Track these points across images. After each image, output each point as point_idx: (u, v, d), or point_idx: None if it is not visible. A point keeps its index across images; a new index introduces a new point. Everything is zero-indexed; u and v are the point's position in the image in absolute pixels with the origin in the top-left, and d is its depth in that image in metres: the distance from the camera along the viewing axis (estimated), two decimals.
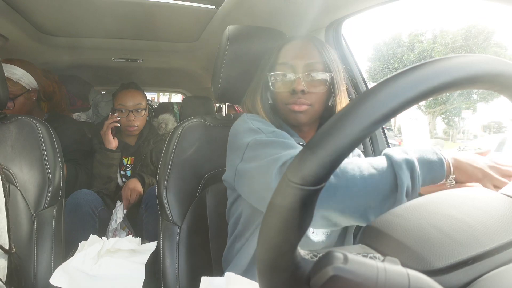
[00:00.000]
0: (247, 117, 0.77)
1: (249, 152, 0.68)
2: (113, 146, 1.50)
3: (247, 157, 0.67)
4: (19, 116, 0.95)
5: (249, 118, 0.76)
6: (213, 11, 1.34)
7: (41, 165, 0.90)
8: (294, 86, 0.73)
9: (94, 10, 1.35)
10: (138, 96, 1.57)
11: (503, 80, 0.30)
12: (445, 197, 0.39)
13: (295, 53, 0.76)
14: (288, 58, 0.76)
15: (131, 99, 1.55)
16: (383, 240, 0.34)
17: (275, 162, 0.59)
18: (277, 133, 0.70)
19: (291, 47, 0.77)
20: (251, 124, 0.74)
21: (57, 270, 0.73)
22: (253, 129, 0.72)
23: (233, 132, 0.77)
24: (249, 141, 0.68)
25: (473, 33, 7.71)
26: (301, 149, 0.28)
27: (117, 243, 0.80)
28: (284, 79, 0.76)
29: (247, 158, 0.67)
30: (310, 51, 0.76)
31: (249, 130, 0.72)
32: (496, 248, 0.31)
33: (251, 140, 0.68)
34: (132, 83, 1.61)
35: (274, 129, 0.72)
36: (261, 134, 0.69)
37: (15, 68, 1.28)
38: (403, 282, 0.25)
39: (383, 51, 8.82)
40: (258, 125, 0.73)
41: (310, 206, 0.27)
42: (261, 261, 0.29)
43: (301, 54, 0.75)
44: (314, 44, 0.77)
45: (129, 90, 1.57)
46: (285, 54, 0.77)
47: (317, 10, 1.15)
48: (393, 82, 0.27)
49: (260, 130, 0.71)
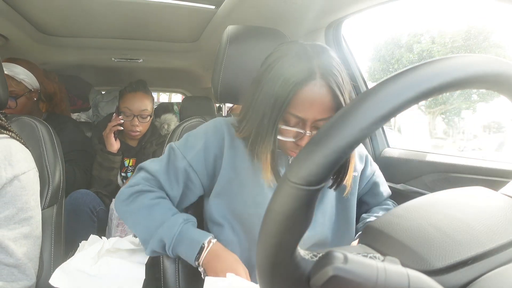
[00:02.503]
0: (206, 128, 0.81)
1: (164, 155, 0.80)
2: (114, 149, 1.47)
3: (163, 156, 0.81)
4: (19, 116, 0.95)
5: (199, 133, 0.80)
6: (213, 11, 1.34)
7: (41, 165, 0.90)
8: (300, 142, 0.69)
9: (94, 10, 1.35)
10: (146, 100, 1.50)
11: (503, 80, 0.30)
12: (445, 197, 0.39)
13: (309, 107, 0.65)
14: (300, 110, 0.66)
15: (138, 103, 1.48)
16: (383, 240, 0.34)
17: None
18: (185, 173, 0.77)
19: (307, 97, 0.65)
20: (192, 139, 0.79)
21: (57, 270, 0.73)
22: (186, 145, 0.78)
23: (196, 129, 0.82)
24: (171, 149, 0.79)
25: (472, 33, 7.71)
26: (301, 149, 0.28)
27: (117, 243, 0.80)
28: (291, 131, 0.69)
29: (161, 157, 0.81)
30: (326, 103, 0.65)
31: (185, 142, 0.79)
32: (496, 248, 0.31)
33: (171, 151, 0.79)
34: (141, 85, 1.52)
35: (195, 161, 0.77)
36: (179, 158, 0.77)
37: (19, 68, 1.28)
38: (403, 282, 0.25)
39: (382, 51, 8.82)
40: (193, 144, 0.78)
41: (310, 206, 0.27)
42: (261, 261, 0.29)
43: (315, 109, 0.65)
44: (332, 90, 0.65)
45: (137, 93, 1.49)
46: (299, 104, 0.65)
47: (317, 10, 1.15)
48: (393, 82, 0.27)
49: (184, 155, 0.77)
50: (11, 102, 1.23)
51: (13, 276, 0.74)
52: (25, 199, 0.78)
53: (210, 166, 0.77)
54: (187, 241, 0.69)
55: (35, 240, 0.81)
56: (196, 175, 0.77)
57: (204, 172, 0.77)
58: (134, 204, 0.74)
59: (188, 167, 0.76)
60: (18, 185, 0.76)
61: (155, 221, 0.71)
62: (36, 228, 0.81)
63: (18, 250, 0.75)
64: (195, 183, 0.78)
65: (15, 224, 0.75)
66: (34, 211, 0.81)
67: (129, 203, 0.75)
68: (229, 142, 0.77)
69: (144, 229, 0.72)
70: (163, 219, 0.71)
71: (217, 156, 0.77)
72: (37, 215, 0.82)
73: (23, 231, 0.77)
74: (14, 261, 0.74)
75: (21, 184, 0.77)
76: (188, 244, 0.69)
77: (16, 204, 0.75)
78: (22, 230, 0.77)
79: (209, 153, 0.77)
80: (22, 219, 0.77)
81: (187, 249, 0.69)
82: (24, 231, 0.77)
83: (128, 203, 0.75)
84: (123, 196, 0.76)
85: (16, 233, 0.75)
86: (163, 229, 0.70)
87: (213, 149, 0.77)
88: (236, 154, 0.77)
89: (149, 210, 0.72)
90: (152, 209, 0.72)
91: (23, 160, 0.80)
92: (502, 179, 0.80)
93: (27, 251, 0.77)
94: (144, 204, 0.73)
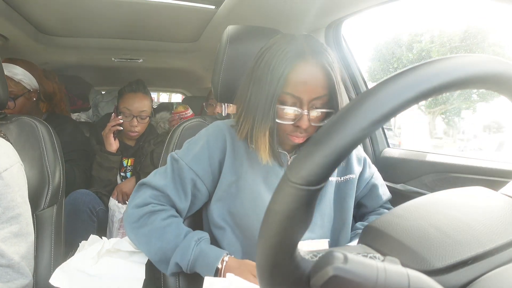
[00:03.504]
0: (209, 132, 0.80)
1: (167, 166, 0.79)
2: (114, 149, 1.47)
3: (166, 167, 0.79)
4: (19, 116, 0.95)
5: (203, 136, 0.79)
6: (213, 11, 1.34)
7: (41, 165, 0.90)
8: (299, 123, 0.69)
9: (94, 10, 1.35)
10: (145, 101, 1.52)
11: (503, 80, 0.30)
12: (445, 197, 0.39)
13: (303, 85, 0.67)
14: (295, 89, 0.67)
15: (138, 104, 1.49)
16: (383, 240, 0.34)
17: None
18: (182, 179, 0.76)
19: (300, 75, 0.67)
20: (195, 148, 0.78)
21: (57, 270, 0.73)
22: (189, 154, 0.77)
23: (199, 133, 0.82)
24: (173, 160, 0.78)
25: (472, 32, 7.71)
26: (301, 150, 0.28)
27: (117, 243, 0.80)
28: (289, 112, 0.69)
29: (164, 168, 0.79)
30: (319, 81, 0.68)
31: (187, 151, 0.78)
32: (496, 248, 0.31)
33: (173, 160, 0.78)
34: (141, 85, 1.53)
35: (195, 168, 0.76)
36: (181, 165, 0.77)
37: (17, 68, 1.28)
38: (403, 282, 0.25)
39: (382, 51, 8.82)
40: (197, 153, 0.76)
41: (310, 206, 0.27)
42: (261, 261, 0.29)
43: (310, 87, 0.67)
44: (324, 68, 0.68)
45: (137, 94, 1.50)
46: (293, 83, 0.67)
47: (317, 10, 1.15)
48: (393, 82, 0.27)
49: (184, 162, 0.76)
50: (9, 102, 1.23)
51: (8, 276, 0.72)
52: (11, 197, 0.74)
53: (216, 172, 0.77)
54: (202, 263, 0.70)
55: (27, 237, 0.78)
56: (203, 184, 0.76)
57: (210, 179, 0.77)
58: (146, 227, 0.73)
59: (195, 177, 0.76)
60: (1, 183, 0.72)
61: (169, 243, 0.71)
62: (27, 225, 0.78)
63: (9, 249, 0.72)
64: (202, 192, 0.77)
65: (3, 224, 0.72)
66: (22, 207, 0.77)
67: (140, 226, 0.73)
68: (230, 146, 0.77)
69: (158, 252, 0.72)
70: (177, 242, 0.71)
71: (221, 161, 0.77)
72: (26, 211, 0.79)
73: (12, 230, 0.74)
74: (6, 261, 0.71)
75: (4, 182, 0.72)
76: (205, 267, 0.69)
77: (1, 203, 0.72)
78: (11, 229, 0.73)
79: (214, 160, 0.77)
80: (10, 218, 0.73)
81: (204, 271, 0.69)
82: (13, 230, 0.74)
83: (139, 226, 0.73)
84: (132, 218, 0.74)
85: (5, 233, 0.72)
86: (177, 254, 0.70)
87: (217, 155, 0.77)
88: (236, 157, 0.77)
89: (161, 233, 0.72)
90: (165, 232, 0.72)
91: (4, 156, 0.76)
92: (502, 179, 0.80)
93: (19, 250, 0.75)
94: (156, 226, 0.72)
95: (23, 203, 0.78)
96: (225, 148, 0.77)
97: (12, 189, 0.75)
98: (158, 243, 0.71)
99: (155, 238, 0.72)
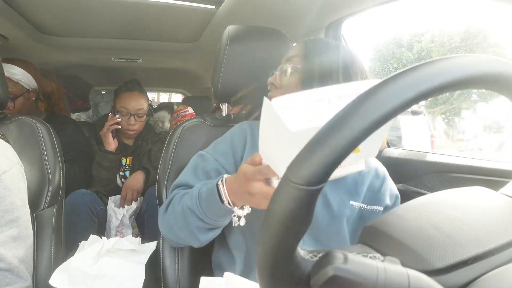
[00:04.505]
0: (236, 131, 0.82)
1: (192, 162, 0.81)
2: (112, 148, 1.48)
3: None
4: (19, 116, 0.95)
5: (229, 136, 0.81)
6: (213, 11, 1.34)
7: (41, 165, 0.90)
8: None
9: (94, 10, 1.35)
10: (142, 99, 1.55)
11: (503, 80, 0.30)
12: (445, 197, 0.39)
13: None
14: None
15: (134, 103, 1.51)
16: (383, 240, 0.34)
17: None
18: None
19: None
20: (220, 145, 0.80)
21: (57, 270, 0.73)
22: (216, 149, 0.80)
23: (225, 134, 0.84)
24: (199, 155, 0.80)
25: (472, 32, 7.71)
26: (301, 150, 0.28)
27: (117, 243, 0.80)
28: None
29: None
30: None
31: (214, 147, 0.81)
32: (496, 248, 0.31)
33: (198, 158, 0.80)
34: (136, 85, 1.56)
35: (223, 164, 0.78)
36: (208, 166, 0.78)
37: (15, 68, 1.28)
38: (403, 282, 0.25)
39: (382, 51, 8.82)
40: (222, 148, 0.79)
41: (310, 206, 0.27)
42: (261, 261, 0.29)
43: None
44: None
45: (133, 92, 1.53)
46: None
47: (317, 10, 1.15)
48: (393, 82, 0.27)
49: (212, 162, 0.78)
50: (9, 103, 1.23)
51: (7, 279, 0.71)
52: (10, 200, 0.72)
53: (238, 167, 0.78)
54: (206, 193, 0.68)
55: (26, 240, 0.76)
56: (227, 174, 0.76)
57: (234, 172, 0.77)
58: (170, 213, 0.74)
59: (221, 168, 0.77)
60: (0, 186, 0.70)
61: (187, 209, 0.71)
62: (25, 228, 0.76)
63: (8, 253, 0.70)
64: None
65: (2, 227, 0.70)
66: (21, 210, 0.75)
67: (167, 214, 0.75)
68: (250, 143, 0.79)
69: (186, 228, 0.71)
70: (192, 204, 0.70)
71: (242, 158, 0.79)
72: (25, 214, 0.77)
73: (11, 234, 0.72)
74: (5, 265, 0.70)
75: (3, 185, 0.71)
76: (208, 196, 0.67)
77: (0, 206, 0.70)
78: (10, 232, 0.71)
79: (237, 156, 0.79)
80: (9, 221, 0.72)
81: (210, 200, 0.67)
82: (12, 233, 0.72)
83: (166, 216, 0.75)
84: (160, 212, 0.77)
85: (4, 237, 0.70)
86: (187, 200, 0.70)
87: (239, 152, 0.79)
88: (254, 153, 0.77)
89: (181, 209, 0.72)
90: (184, 203, 0.72)
91: (3, 158, 0.74)
92: (502, 179, 0.80)
93: (18, 253, 0.73)
94: (176, 209, 0.73)
95: (22, 206, 0.77)
96: (245, 145, 0.80)
97: (12, 192, 0.73)
98: (183, 218, 0.71)
99: (180, 217, 0.71)
